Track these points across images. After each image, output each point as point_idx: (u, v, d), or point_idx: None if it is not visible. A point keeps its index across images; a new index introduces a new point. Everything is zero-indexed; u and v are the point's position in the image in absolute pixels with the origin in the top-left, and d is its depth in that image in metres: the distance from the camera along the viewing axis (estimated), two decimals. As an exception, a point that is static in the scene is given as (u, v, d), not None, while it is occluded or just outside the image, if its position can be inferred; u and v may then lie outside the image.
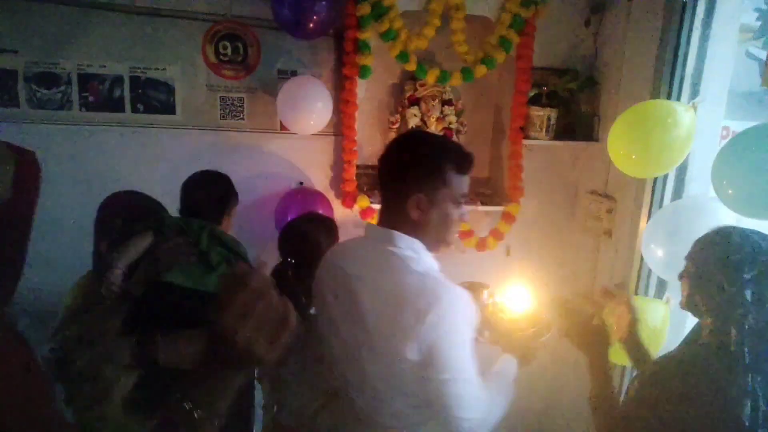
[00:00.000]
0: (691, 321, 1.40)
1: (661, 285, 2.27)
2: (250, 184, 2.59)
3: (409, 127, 2.62)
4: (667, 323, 1.90)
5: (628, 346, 1.54)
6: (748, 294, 1.20)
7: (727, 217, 1.64)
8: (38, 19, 2.26)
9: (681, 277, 1.38)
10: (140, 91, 2.42)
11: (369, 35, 2.33)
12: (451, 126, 2.66)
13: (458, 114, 2.68)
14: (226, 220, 2.05)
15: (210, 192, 2.03)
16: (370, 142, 2.68)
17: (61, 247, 2.32)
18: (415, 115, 2.62)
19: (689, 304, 1.35)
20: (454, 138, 2.66)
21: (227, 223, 2.05)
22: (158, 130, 2.44)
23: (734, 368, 1.18)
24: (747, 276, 1.21)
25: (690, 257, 1.35)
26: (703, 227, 1.34)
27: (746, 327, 1.19)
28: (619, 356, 1.56)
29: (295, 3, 2.20)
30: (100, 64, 2.37)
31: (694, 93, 2.17)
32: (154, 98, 2.44)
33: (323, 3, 2.22)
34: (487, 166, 2.89)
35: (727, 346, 1.20)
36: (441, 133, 2.64)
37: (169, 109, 2.45)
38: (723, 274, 1.24)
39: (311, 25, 2.24)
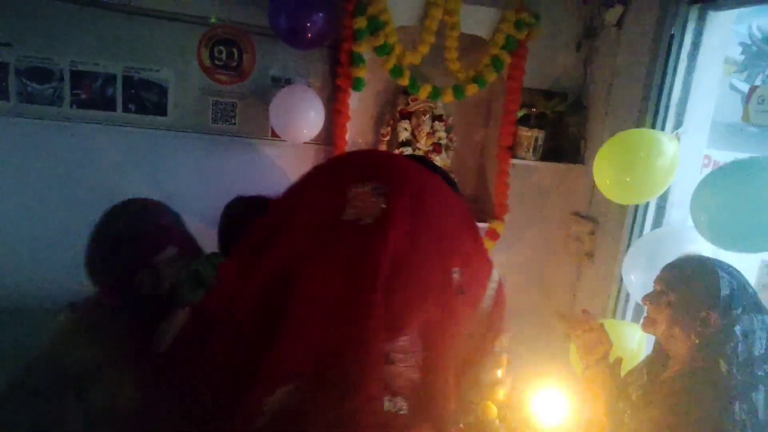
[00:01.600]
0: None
1: (638, 309, 2.31)
2: (238, 189, 2.59)
3: (400, 140, 2.65)
4: (643, 346, 1.93)
5: (599, 372, 1.54)
6: (737, 329, 1.24)
7: (706, 246, 1.68)
8: (34, 13, 2.26)
9: (652, 302, 1.40)
10: (133, 91, 2.42)
11: (364, 48, 2.36)
12: (440, 141, 2.69)
13: (448, 130, 2.72)
14: None
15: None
16: (359, 153, 2.70)
17: (44, 243, 2.31)
18: (405, 129, 2.65)
19: (667, 336, 1.36)
20: (443, 154, 2.69)
21: None
22: (148, 131, 2.44)
23: (724, 398, 1.21)
24: (737, 311, 1.25)
25: (669, 286, 1.37)
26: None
27: (738, 360, 1.22)
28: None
29: (292, 13, 2.22)
30: (94, 61, 2.37)
31: (679, 122, 2.23)
32: (146, 99, 2.44)
33: (320, 14, 2.25)
34: (474, 183, 2.93)
35: (716, 377, 1.23)
36: (430, 149, 2.67)
37: (161, 110, 2.45)
38: (714, 310, 1.27)
39: (307, 35, 2.26)
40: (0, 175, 2.30)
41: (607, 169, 1.94)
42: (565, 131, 2.74)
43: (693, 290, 1.31)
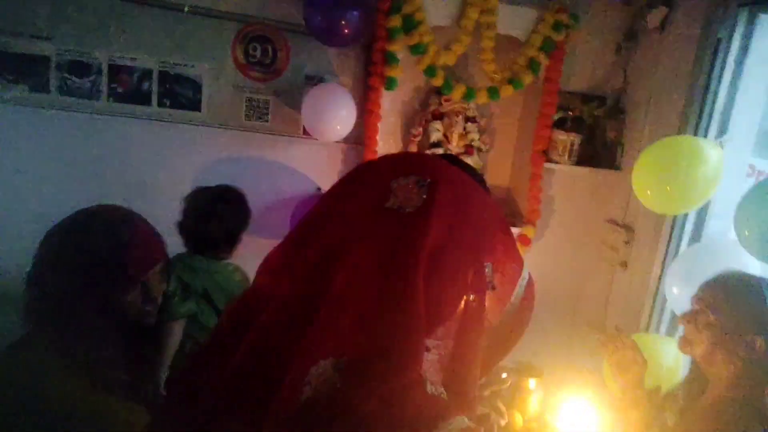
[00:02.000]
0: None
1: (674, 322, 2.24)
2: (268, 185, 2.61)
3: (431, 141, 2.62)
4: (680, 363, 1.86)
5: (637, 399, 1.48)
6: None
7: (753, 261, 1.61)
8: (73, 8, 2.30)
9: (690, 322, 1.33)
10: (168, 86, 2.44)
11: (398, 47, 2.34)
12: (473, 143, 2.65)
13: (481, 132, 2.67)
14: (236, 249, 1.94)
15: (225, 223, 1.88)
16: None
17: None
18: (438, 130, 2.62)
19: (707, 359, 1.29)
20: (475, 156, 2.65)
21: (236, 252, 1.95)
22: (182, 126, 2.47)
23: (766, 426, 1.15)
24: None
25: (710, 306, 1.29)
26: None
27: None
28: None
29: (328, 11, 2.21)
30: (131, 56, 2.40)
31: (722, 130, 2.14)
32: (180, 94, 2.46)
33: (355, 13, 2.23)
34: (506, 186, 2.88)
35: (761, 406, 1.17)
36: (462, 150, 2.64)
37: (195, 105, 2.47)
38: (760, 335, 1.19)
39: (341, 33, 2.25)
40: (40, 167, 2.35)
41: (646, 177, 1.87)
42: (602, 136, 2.66)
43: (737, 312, 1.23)
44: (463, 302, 0.77)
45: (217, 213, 1.85)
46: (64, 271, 1.13)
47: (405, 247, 0.73)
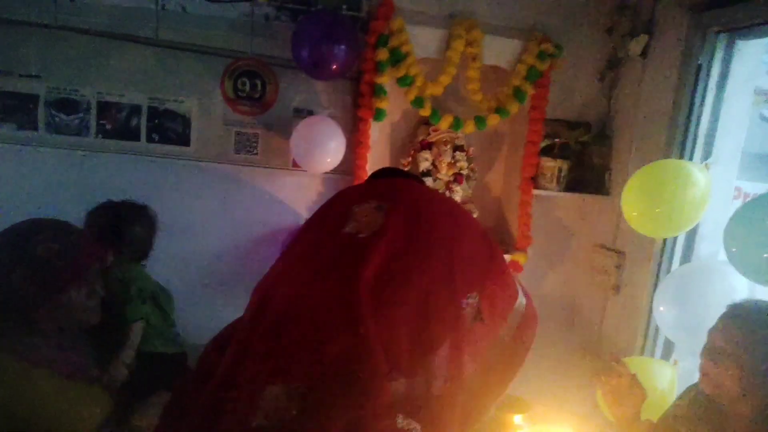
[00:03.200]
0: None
1: (668, 346, 2.22)
2: (259, 218, 2.60)
3: (421, 170, 2.63)
4: (675, 387, 1.85)
5: (630, 427, 1.44)
6: None
7: (739, 281, 1.61)
8: (62, 46, 2.31)
9: (715, 361, 1.26)
10: (156, 121, 2.45)
11: (385, 80, 2.37)
12: (462, 171, 2.66)
13: (469, 160, 2.69)
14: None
15: (146, 227, 1.98)
16: (380, 183, 2.70)
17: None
18: (426, 159, 2.63)
19: (735, 399, 1.22)
20: (465, 184, 2.67)
21: None
22: (172, 161, 2.47)
23: None
24: None
25: (740, 345, 1.20)
26: (719, 291, 1.30)
27: None
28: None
29: (315, 46, 2.23)
30: (120, 93, 2.41)
31: (707, 153, 2.17)
32: (169, 129, 2.47)
33: (342, 47, 2.26)
34: (496, 213, 2.89)
35: None
36: (451, 179, 2.65)
37: (184, 140, 2.48)
38: None
39: (330, 67, 2.27)
40: (27, 204, 2.32)
41: (636, 201, 1.89)
42: (589, 162, 2.69)
43: (765, 350, 1.17)
44: (435, 333, 0.72)
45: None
46: (5, 273, 1.26)
47: (347, 272, 0.71)
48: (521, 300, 0.84)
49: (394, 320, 0.70)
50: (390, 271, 0.71)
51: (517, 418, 1.81)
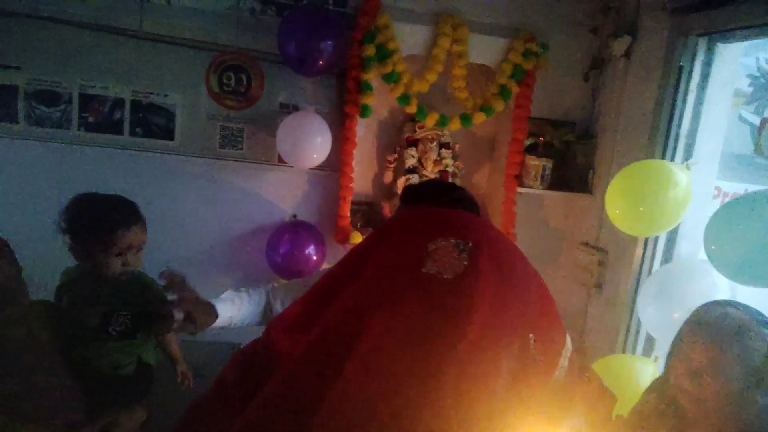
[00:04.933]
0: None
1: (650, 342, 2.26)
2: (243, 213, 2.59)
3: (406, 166, 2.64)
4: (656, 383, 1.88)
5: (604, 428, 1.45)
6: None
7: (721, 280, 1.64)
8: (43, 37, 2.27)
9: (692, 376, 1.26)
10: (140, 114, 2.42)
11: (372, 76, 2.37)
12: (447, 169, 2.68)
13: (455, 157, 2.70)
14: None
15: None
16: (366, 179, 2.70)
17: (50, 268, 2.28)
18: (412, 156, 2.64)
19: (712, 413, 1.24)
20: (450, 181, 2.68)
21: None
22: (156, 155, 2.44)
23: None
24: None
25: (715, 362, 1.21)
26: (701, 289, 1.32)
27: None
28: None
29: (301, 41, 2.23)
30: (103, 85, 2.38)
31: (688, 153, 2.21)
32: (153, 123, 2.44)
33: (329, 43, 2.26)
34: (481, 211, 2.90)
35: None
36: (437, 176, 2.66)
37: (168, 134, 2.45)
38: (752, 381, 1.18)
39: (316, 63, 2.27)
40: (7, 197, 2.28)
41: (619, 200, 1.91)
42: (573, 161, 2.72)
43: (743, 366, 1.19)
44: (502, 375, 0.69)
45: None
46: None
47: (446, 317, 0.66)
48: (568, 338, 0.83)
49: (477, 390, 0.67)
50: (486, 316, 0.68)
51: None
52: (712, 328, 1.25)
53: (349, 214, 2.55)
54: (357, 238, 2.49)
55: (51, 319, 1.51)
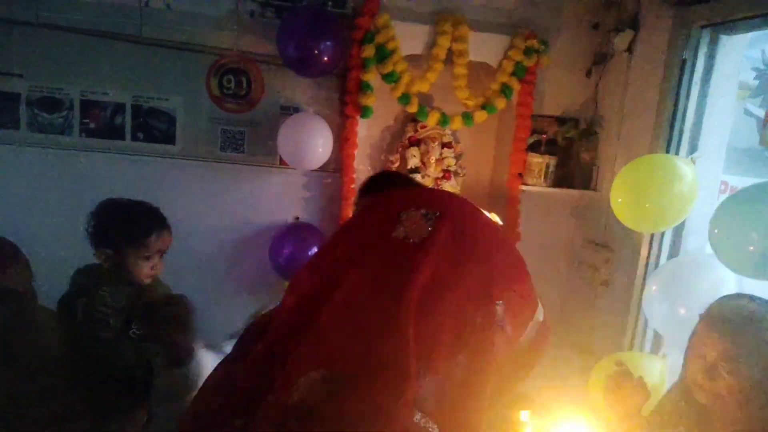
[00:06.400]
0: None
1: (657, 340, 2.23)
2: (246, 216, 2.58)
3: (409, 167, 2.63)
4: (665, 380, 1.85)
5: (631, 422, 1.43)
6: None
7: (727, 274, 1.62)
8: (45, 44, 2.29)
9: (710, 374, 1.24)
10: (141, 119, 2.42)
11: (372, 76, 2.36)
12: (449, 168, 2.66)
13: (457, 157, 2.69)
14: None
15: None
16: (368, 181, 2.70)
17: (54, 273, 2.29)
18: (414, 156, 2.63)
19: (732, 409, 1.22)
20: (453, 180, 2.66)
21: None
22: (157, 159, 2.44)
23: None
24: None
25: (731, 355, 1.20)
26: (708, 284, 1.30)
27: None
28: None
29: (301, 42, 2.22)
30: (104, 91, 2.39)
31: (693, 147, 2.18)
32: (154, 127, 2.44)
33: (328, 43, 2.25)
34: (484, 209, 2.88)
35: None
36: (440, 175, 2.65)
37: (169, 139, 2.45)
38: None
39: (316, 64, 2.27)
40: (10, 204, 2.29)
41: (625, 196, 1.89)
42: (576, 158, 2.70)
43: (763, 354, 1.17)
44: (466, 339, 0.76)
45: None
46: None
47: (399, 277, 0.76)
48: (540, 310, 0.88)
49: (436, 325, 0.75)
50: (437, 278, 0.76)
51: (524, 415, 1.80)
52: (725, 321, 1.24)
53: (351, 216, 2.55)
54: (360, 239, 2.48)
55: (61, 324, 1.51)
